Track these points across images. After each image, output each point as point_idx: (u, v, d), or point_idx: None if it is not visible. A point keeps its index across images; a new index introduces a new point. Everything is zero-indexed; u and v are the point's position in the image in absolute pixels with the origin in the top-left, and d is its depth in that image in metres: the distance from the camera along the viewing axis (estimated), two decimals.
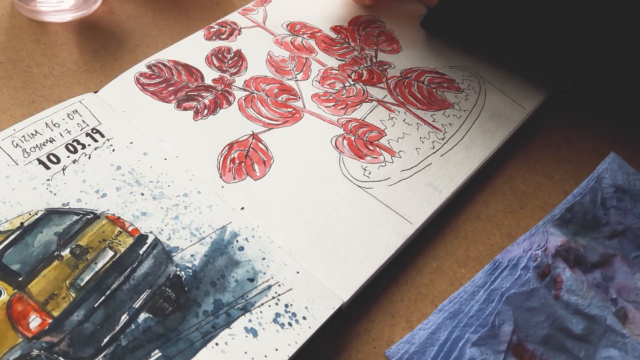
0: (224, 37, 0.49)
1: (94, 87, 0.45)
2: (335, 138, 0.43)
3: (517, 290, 0.36)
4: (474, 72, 0.50)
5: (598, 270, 0.39)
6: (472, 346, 0.33)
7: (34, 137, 0.39)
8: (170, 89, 0.44)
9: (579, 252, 0.39)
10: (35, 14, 0.49)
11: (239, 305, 0.34)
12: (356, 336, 0.36)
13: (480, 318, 0.35)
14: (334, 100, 0.46)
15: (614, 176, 0.42)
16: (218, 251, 0.36)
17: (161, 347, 0.32)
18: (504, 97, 0.48)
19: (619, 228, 0.41)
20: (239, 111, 0.44)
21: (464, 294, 0.36)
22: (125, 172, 0.39)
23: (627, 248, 0.40)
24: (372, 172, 0.42)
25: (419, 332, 0.35)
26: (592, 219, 0.40)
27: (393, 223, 0.39)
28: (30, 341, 0.31)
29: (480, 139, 0.45)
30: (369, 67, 0.49)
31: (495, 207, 0.43)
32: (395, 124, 0.45)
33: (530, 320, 0.35)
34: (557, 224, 0.40)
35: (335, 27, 0.52)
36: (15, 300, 0.33)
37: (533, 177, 0.45)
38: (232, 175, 0.40)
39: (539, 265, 0.37)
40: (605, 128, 0.50)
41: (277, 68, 0.48)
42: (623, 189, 0.42)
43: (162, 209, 0.37)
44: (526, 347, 0.34)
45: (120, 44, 0.49)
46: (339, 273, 0.36)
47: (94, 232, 0.36)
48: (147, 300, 0.34)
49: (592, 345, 0.35)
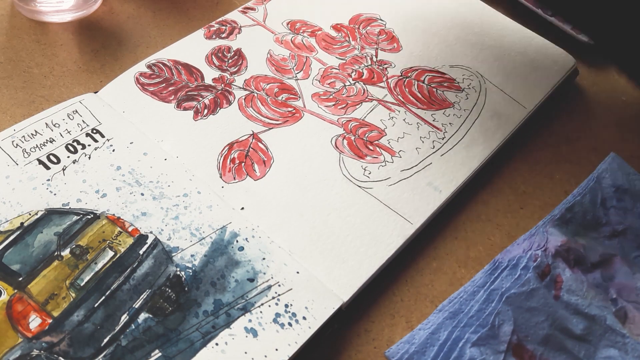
0: (224, 36, 0.49)
1: (94, 87, 0.45)
2: (336, 138, 0.43)
3: (517, 290, 0.36)
4: (475, 72, 0.50)
5: (598, 270, 0.39)
6: (472, 346, 0.33)
7: (34, 137, 0.40)
8: (170, 88, 0.44)
9: (579, 252, 0.39)
10: (35, 14, 0.49)
11: (239, 305, 0.34)
12: (356, 336, 0.36)
13: (480, 318, 0.35)
14: (334, 100, 0.46)
15: (614, 176, 0.42)
16: (218, 251, 0.36)
17: (161, 347, 0.32)
18: (504, 97, 0.48)
19: (619, 228, 0.41)
20: (239, 111, 0.44)
21: (464, 294, 0.36)
22: (125, 172, 0.39)
23: (628, 248, 0.40)
24: (372, 172, 0.42)
25: (418, 332, 0.35)
26: (592, 219, 0.40)
27: (393, 223, 0.39)
28: (30, 341, 0.31)
29: (480, 139, 0.45)
30: (369, 66, 0.49)
31: (495, 207, 0.43)
32: (396, 124, 0.45)
33: (530, 321, 0.35)
34: (557, 224, 0.40)
35: (336, 26, 0.52)
36: (15, 300, 0.33)
37: (533, 177, 0.45)
38: (232, 175, 0.40)
39: (539, 265, 0.37)
40: (605, 128, 0.50)
41: (277, 67, 0.48)
42: (623, 188, 0.42)
43: (162, 209, 0.37)
44: (526, 347, 0.34)
45: (120, 44, 0.49)
46: (339, 273, 0.36)
47: (94, 232, 0.36)
48: (147, 300, 0.34)
49: (592, 345, 0.35)
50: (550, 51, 0.52)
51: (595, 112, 0.51)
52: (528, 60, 0.51)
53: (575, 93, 0.52)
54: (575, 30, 0.55)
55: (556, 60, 0.52)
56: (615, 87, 0.53)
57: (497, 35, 0.53)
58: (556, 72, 0.51)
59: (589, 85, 0.53)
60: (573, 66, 0.51)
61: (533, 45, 0.53)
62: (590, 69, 0.54)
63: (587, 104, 0.51)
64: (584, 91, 0.52)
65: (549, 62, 0.51)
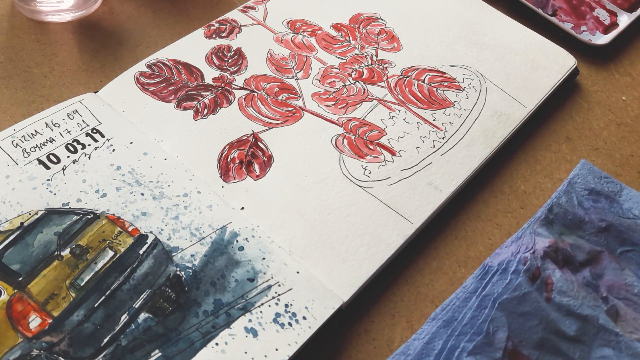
0: (224, 35, 0.49)
1: (94, 87, 0.45)
2: (336, 137, 0.43)
3: (509, 295, 0.36)
4: (475, 71, 0.50)
5: (587, 268, 0.39)
6: (468, 355, 0.33)
7: (34, 137, 0.40)
8: (170, 88, 0.44)
9: (566, 252, 0.39)
10: (35, 14, 0.49)
11: (239, 305, 0.34)
12: (356, 336, 0.36)
13: (475, 325, 0.35)
14: (335, 99, 0.46)
15: (586, 180, 0.43)
16: (218, 251, 0.36)
17: (161, 347, 0.32)
18: (504, 96, 0.48)
19: (602, 225, 0.41)
20: (239, 110, 0.44)
21: (456, 300, 0.36)
22: (125, 172, 0.39)
23: (613, 244, 0.40)
24: (372, 171, 0.42)
25: (413, 343, 0.35)
26: (574, 218, 0.41)
27: (393, 223, 0.39)
28: (30, 341, 0.31)
29: (480, 138, 0.45)
30: (369, 66, 0.49)
31: (495, 207, 0.43)
32: (396, 123, 0.45)
33: (524, 325, 0.35)
34: (543, 224, 0.40)
35: (336, 25, 0.52)
36: (15, 300, 0.33)
37: (533, 177, 0.45)
38: (232, 175, 0.40)
39: (529, 268, 0.37)
40: (605, 128, 0.50)
41: (277, 66, 0.48)
42: (596, 191, 0.43)
43: (162, 209, 0.37)
44: (522, 353, 0.34)
45: (120, 43, 0.49)
46: (339, 273, 0.36)
47: (94, 232, 0.36)
48: (147, 300, 0.34)
49: (587, 345, 0.36)
50: (551, 51, 0.52)
51: (595, 112, 0.51)
52: (528, 59, 0.51)
53: (576, 93, 0.52)
54: (576, 30, 0.55)
55: (557, 60, 0.52)
56: (615, 87, 0.53)
57: (497, 35, 0.53)
58: (557, 71, 0.51)
59: (589, 85, 0.53)
60: (573, 66, 0.51)
61: (533, 44, 0.53)
62: (590, 68, 0.54)
63: (587, 104, 0.51)
64: (584, 91, 0.52)
65: (549, 62, 0.51)
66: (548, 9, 0.57)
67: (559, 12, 0.57)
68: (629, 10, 0.58)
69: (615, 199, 0.43)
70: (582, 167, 0.44)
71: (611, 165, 0.47)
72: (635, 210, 0.42)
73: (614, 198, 0.42)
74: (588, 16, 0.57)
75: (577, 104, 0.51)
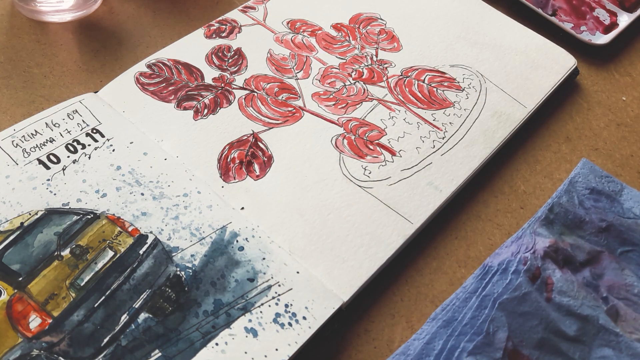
0: (224, 35, 0.49)
1: (94, 87, 0.45)
2: (336, 137, 0.43)
3: (510, 295, 0.36)
4: (475, 71, 0.50)
5: (587, 268, 0.39)
6: (469, 355, 0.33)
7: (34, 137, 0.40)
8: (170, 88, 0.44)
9: (566, 252, 0.39)
10: (35, 14, 0.49)
11: (239, 305, 0.34)
12: (356, 336, 0.36)
13: (475, 325, 0.35)
14: (335, 99, 0.46)
15: (587, 179, 0.43)
16: (218, 251, 0.36)
17: (161, 347, 0.32)
18: (504, 96, 0.48)
19: (602, 225, 0.41)
20: (239, 110, 0.44)
21: (457, 300, 0.36)
22: (125, 172, 0.39)
23: (613, 244, 0.40)
24: (372, 171, 0.42)
25: (413, 343, 0.35)
26: (574, 217, 0.41)
27: (393, 223, 0.39)
28: (30, 341, 0.31)
29: (480, 138, 0.45)
30: (369, 66, 0.49)
31: (495, 207, 0.43)
32: (396, 123, 0.45)
33: (524, 325, 0.35)
34: (543, 224, 0.40)
35: (336, 25, 0.52)
36: (15, 300, 0.33)
37: (533, 177, 0.45)
38: (232, 175, 0.40)
39: (529, 268, 0.37)
40: (605, 128, 0.50)
41: (277, 66, 0.48)
42: (597, 190, 0.43)
43: (162, 209, 0.37)
44: (522, 353, 0.34)
45: (120, 43, 0.49)
46: (339, 273, 0.36)
47: (94, 232, 0.36)
48: (147, 300, 0.34)
49: (587, 345, 0.36)
50: (551, 51, 0.52)
51: (595, 112, 0.51)
52: (528, 59, 0.51)
53: (576, 93, 0.52)
54: (576, 30, 0.55)
55: (556, 60, 0.52)
56: (615, 87, 0.53)
57: (497, 35, 0.53)
58: (556, 71, 0.51)
59: (589, 85, 0.53)
60: (573, 65, 0.51)
61: (533, 44, 0.53)
62: (590, 68, 0.54)
63: (587, 104, 0.51)
64: (584, 91, 0.52)
65: (549, 62, 0.51)
66: (548, 9, 0.57)
67: (559, 12, 0.57)
68: (629, 10, 0.58)
69: (616, 198, 0.43)
70: (583, 166, 0.44)
71: (611, 166, 0.47)
72: (635, 209, 0.42)
73: (614, 197, 0.42)
74: (588, 16, 0.57)
75: (577, 104, 0.51)
